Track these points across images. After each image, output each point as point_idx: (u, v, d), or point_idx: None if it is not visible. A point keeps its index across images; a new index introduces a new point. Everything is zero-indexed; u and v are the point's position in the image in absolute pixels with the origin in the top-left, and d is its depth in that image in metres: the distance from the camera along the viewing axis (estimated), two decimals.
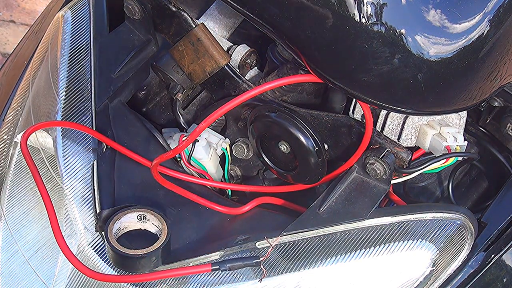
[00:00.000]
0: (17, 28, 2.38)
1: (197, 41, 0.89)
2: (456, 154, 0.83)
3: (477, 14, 0.67)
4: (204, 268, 0.74)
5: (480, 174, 1.02)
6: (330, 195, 0.79)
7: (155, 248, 0.73)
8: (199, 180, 0.90)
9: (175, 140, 0.94)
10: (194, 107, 1.03)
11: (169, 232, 0.75)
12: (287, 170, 0.90)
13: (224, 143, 0.95)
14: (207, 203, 0.85)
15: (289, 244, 0.77)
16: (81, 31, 0.98)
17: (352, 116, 0.87)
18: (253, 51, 0.96)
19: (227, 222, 0.84)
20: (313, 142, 0.83)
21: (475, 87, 0.73)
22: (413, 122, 0.84)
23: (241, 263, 0.74)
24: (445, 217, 0.78)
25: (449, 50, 0.67)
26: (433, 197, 1.02)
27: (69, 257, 0.75)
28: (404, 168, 0.83)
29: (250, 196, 0.93)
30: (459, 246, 0.79)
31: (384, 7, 0.65)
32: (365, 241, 0.76)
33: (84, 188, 0.84)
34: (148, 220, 0.77)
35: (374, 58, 0.67)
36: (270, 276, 0.76)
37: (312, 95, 0.93)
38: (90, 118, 0.91)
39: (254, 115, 0.88)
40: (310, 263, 0.76)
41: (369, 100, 0.73)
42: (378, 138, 0.83)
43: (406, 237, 0.76)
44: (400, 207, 0.82)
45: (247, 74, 0.97)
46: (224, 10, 0.98)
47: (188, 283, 0.77)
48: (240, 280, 0.76)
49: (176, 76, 0.94)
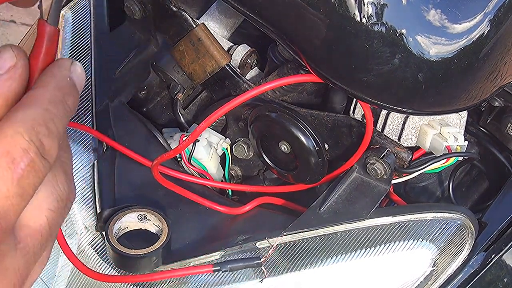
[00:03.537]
0: (18, 28, 2.39)
1: (198, 41, 0.89)
2: (456, 154, 0.83)
3: (477, 14, 0.67)
4: (205, 268, 0.74)
5: (480, 174, 1.02)
6: (330, 195, 0.79)
7: (155, 248, 0.73)
8: (200, 180, 0.90)
9: (175, 140, 0.94)
10: (195, 107, 1.03)
11: (169, 232, 0.75)
12: (287, 170, 0.90)
13: (225, 143, 0.95)
14: (208, 203, 0.85)
15: (289, 244, 0.77)
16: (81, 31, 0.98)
17: (353, 116, 0.87)
18: (254, 51, 0.96)
19: (227, 222, 0.84)
20: (314, 142, 0.84)
21: (476, 87, 0.73)
22: (414, 122, 0.84)
23: (242, 264, 0.74)
24: (446, 217, 0.78)
25: (449, 50, 0.67)
26: (433, 197, 1.02)
27: (70, 257, 0.75)
28: (405, 168, 0.83)
29: (250, 196, 0.93)
30: (460, 246, 0.79)
31: (384, 7, 0.65)
32: (366, 241, 0.76)
33: (84, 188, 0.84)
34: (149, 220, 0.77)
35: (375, 58, 0.67)
36: (270, 276, 0.76)
37: (312, 95, 0.93)
38: (90, 118, 0.91)
39: (254, 115, 0.88)
40: (311, 263, 0.76)
41: (369, 100, 0.73)
42: (378, 138, 0.83)
43: (406, 237, 0.76)
44: (400, 207, 0.83)
45: (248, 74, 0.97)
46: (224, 10, 0.98)
47: (189, 283, 0.77)
48: (240, 280, 0.76)
49: (176, 76, 0.94)
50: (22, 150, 0.39)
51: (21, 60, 0.41)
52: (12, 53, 0.41)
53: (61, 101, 0.42)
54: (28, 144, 0.39)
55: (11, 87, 0.40)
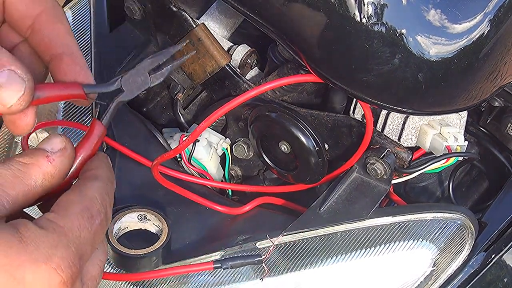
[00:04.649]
0: None
1: (198, 41, 0.89)
2: (456, 154, 0.83)
3: (477, 14, 0.67)
4: (206, 266, 0.74)
5: (480, 174, 1.02)
6: (330, 195, 0.79)
7: (155, 248, 0.73)
8: (200, 180, 0.90)
9: (175, 140, 0.94)
10: (195, 107, 1.03)
11: (169, 232, 0.75)
12: (287, 170, 0.90)
13: (225, 143, 0.95)
14: (208, 203, 0.85)
15: (289, 244, 0.77)
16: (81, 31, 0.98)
17: (353, 116, 0.87)
18: (254, 51, 0.96)
19: (227, 222, 0.84)
20: (314, 142, 0.83)
21: (476, 87, 0.73)
22: (414, 122, 0.84)
23: (243, 261, 0.74)
24: (446, 217, 0.78)
25: (449, 50, 0.67)
26: (433, 197, 1.02)
27: None
28: (405, 168, 0.83)
29: (250, 196, 0.93)
30: (460, 246, 0.79)
31: (384, 7, 0.65)
32: (366, 241, 0.76)
33: None
34: (149, 220, 0.77)
35: (375, 58, 0.67)
36: (270, 276, 0.76)
37: (312, 95, 0.93)
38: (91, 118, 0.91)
39: (254, 115, 0.88)
40: (311, 263, 0.76)
41: (369, 100, 0.73)
42: (378, 138, 0.83)
43: (406, 237, 0.76)
44: (400, 207, 0.82)
45: (248, 74, 0.97)
46: (224, 10, 0.98)
47: (189, 283, 0.77)
48: (240, 280, 0.76)
49: (176, 76, 0.94)
50: (97, 211, 0.50)
51: (69, 144, 0.52)
52: (61, 138, 0.52)
53: (112, 182, 0.54)
54: (100, 208, 0.50)
55: (63, 162, 0.51)
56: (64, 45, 0.54)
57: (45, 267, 0.44)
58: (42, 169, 0.50)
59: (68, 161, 0.52)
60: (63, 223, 0.47)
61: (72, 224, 0.47)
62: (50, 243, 0.45)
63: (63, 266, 0.45)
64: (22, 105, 0.49)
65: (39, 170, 0.49)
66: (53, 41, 0.54)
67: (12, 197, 0.47)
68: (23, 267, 0.44)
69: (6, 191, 0.47)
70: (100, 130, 0.55)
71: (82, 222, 0.48)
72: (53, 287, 0.45)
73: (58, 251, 0.45)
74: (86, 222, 0.48)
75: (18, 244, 0.44)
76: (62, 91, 0.53)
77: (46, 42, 0.54)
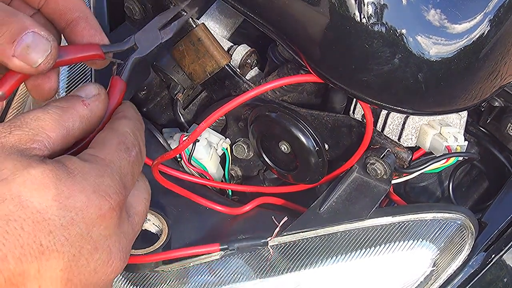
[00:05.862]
0: None
1: (198, 41, 0.89)
2: (456, 154, 0.83)
3: (477, 14, 0.67)
4: (213, 247, 0.75)
5: (480, 174, 1.02)
6: (330, 195, 0.79)
7: (155, 248, 0.73)
8: (200, 180, 0.90)
9: (175, 140, 0.94)
10: (195, 107, 1.03)
11: (169, 232, 0.75)
12: (287, 170, 0.90)
13: (225, 143, 0.95)
14: (208, 203, 0.85)
15: (289, 244, 0.77)
16: None
17: (353, 116, 0.87)
18: (254, 51, 0.96)
19: (227, 222, 0.84)
20: (314, 142, 0.83)
21: (476, 87, 0.73)
22: (414, 122, 0.84)
23: (249, 243, 0.75)
24: (446, 217, 0.78)
25: (449, 50, 0.67)
26: (433, 197, 1.02)
27: None
28: (405, 168, 0.83)
29: (250, 196, 0.93)
30: (460, 246, 0.79)
31: (384, 7, 0.65)
32: (366, 241, 0.76)
33: None
34: (149, 220, 0.77)
35: (375, 58, 0.67)
36: (270, 276, 0.76)
37: (312, 95, 0.93)
38: None
39: (254, 115, 0.88)
40: (311, 263, 0.76)
41: (369, 100, 0.73)
42: (378, 138, 0.83)
43: (406, 237, 0.76)
44: (400, 207, 0.82)
45: (248, 74, 0.97)
46: (224, 10, 0.98)
47: (189, 283, 0.77)
48: (240, 280, 0.76)
49: (176, 76, 0.94)
50: (132, 143, 0.53)
51: (103, 90, 0.55)
52: (95, 85, 0.55)
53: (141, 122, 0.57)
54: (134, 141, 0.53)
55: (98, 107, 0.54)
56: (79, 10, 0.58)
57: (94, 195, 0.47)
58: (79, 112, 0.52)
59: (103, 106, 0.54)
60: (104, 155, 0.50)
61: (112, 156, 0.50)
62: (96, 173, 0.48)
63: (111, 193, 0.48)
64: (50, 63, 0.52)
65: (76, 114, 0.52)
66: (68, 7, 0.58)
67: (53, 139, 0.49)
68: (74, 197, 0.46)
69: (46, 133, 0.49)
70: (122, 84, 0.58)
71: (121, 153, 0.51)
72: (103, 212, 0.48)
73: (105, 180, 0.48)
74: (124, 153, 0.51)
75: (66, 176, 0.47)
76: (82, 51, 0.57)
77: (61, 9, 0.58)
